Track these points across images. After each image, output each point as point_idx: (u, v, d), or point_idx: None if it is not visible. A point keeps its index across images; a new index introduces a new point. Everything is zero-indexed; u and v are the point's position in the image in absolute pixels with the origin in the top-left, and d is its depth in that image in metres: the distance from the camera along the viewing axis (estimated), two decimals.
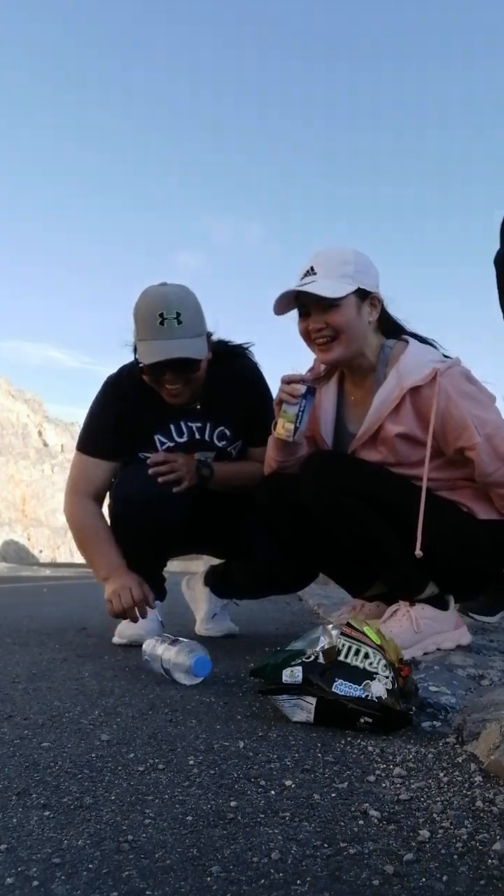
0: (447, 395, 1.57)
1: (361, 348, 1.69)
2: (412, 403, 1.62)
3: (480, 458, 1.58)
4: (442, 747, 1.06)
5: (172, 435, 2.08)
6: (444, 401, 1.57)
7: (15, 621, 2.92)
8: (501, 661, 1.61)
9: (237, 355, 2.15)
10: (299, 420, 1.66)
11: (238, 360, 2.14)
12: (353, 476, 1.67)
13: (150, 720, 1.22)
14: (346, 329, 1.64)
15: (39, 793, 0.86)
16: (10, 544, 15.34)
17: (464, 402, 1.58)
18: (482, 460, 1.59)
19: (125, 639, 2.11)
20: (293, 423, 1.66)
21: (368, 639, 1.21)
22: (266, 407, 2.15)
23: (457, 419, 1.58)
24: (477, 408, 1.60)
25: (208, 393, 2.05)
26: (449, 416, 1.58)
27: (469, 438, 1.58)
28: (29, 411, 18.76)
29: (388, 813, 0.80)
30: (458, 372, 1.61)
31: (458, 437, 1.59)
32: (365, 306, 1.66)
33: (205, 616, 2.36)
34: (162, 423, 2.07)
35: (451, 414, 1.58)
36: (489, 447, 1.58)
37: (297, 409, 1.65)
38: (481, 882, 0.64)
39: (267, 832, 0.75)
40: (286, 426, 1.67)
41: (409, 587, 1.69)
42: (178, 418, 2.07)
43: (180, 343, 1.87)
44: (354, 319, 1.64)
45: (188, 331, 1.88)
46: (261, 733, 1.14)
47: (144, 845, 0.71)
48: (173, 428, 2.07)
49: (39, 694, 1.43)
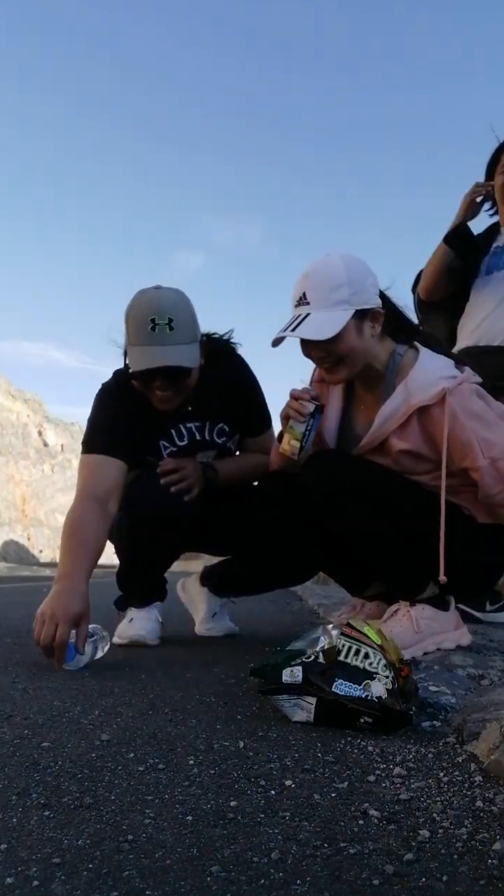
0: (454, 416, 1.56)
1: (368, 362, 1.67)
2: (419, 422, 1.60)
3: (484, 480, 1.59)
4: (442, 747, 1.06)
5: (174, 439, 2.06)
6: (451, 421, 1.56)
7: (15, 621, 2.92)
8: (501, 661, 1.61)
9: (222, 352, 2.10)
10: (305, 439, 1.65)
11: (223, 356, 2.10)
12: (357, 475, 1.67)
13: (150, 720, 1.22)
14: (349, 353, 1.61)
15: (39, 793, 0.86)
16: (10, 544, 15.34)
17: (471, 422, 1.57)
18: (486, 483, 1.59)
19: (125, 639, 2.11)
20: (299, 441, 1.64)
21: (368, 639, 1.20)
22: (258, 394, 2.15)
23: (462, 441, 1.57)
24: (484, 429, 1.58)
25: (198, 393, 2.02)
26: (455, 437, 1.57)
27: (474, 460, 1.58)
28: (29, 411, 18.76)
29: (388, 813, 0.80)
30: (467, 390, 1.59)
31: (463, 458, 1.59)
32: (366, 324, 1.62)
33: (204, 616, 2.35)
34: (162, 429, 2.05)
35: (458, 436, 1.57)
36: (493, 470, 1.58)
37: (304, 427, 1.64)
38: (481, 882, 0.64)
39: (267, 832, 0.75)
40: (292, 443, 1.65)
41: (410, 587, 1.69)
42: (177, 422, 2.05)
43: (171, 350, 1.83)
44: (356, 343, 1.61)
45: (180, 337, 1.84)
46: (261, 733, 1.14)
47: (144, 845, 0.71)
48: (174, 433, 2.06)
49: (39, 694, 1.43)
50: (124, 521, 1.98)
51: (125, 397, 2.01)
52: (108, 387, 2.07)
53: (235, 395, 2.09)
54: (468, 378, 1.62)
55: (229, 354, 2.13)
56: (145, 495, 1.96)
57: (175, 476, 1.96)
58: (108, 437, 1.98)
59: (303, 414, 1.64)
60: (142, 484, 1.98)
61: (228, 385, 2.08)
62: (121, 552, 2.11)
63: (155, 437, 2.05)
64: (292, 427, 1.65)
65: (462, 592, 1.82)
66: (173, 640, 2.22)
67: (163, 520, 1.94)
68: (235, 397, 2.09)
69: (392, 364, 1.68)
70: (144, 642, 2.09)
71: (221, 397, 2.06)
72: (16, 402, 18.20)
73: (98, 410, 2.05)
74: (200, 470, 2.02)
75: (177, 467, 1.97)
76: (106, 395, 2.06)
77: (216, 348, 2.08)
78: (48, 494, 17.41)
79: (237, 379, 2.12)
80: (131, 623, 2.12)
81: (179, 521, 1.97)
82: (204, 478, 2.02)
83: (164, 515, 1.94)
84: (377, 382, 1.71)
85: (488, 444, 1.57)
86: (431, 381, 1.59)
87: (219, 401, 2.06)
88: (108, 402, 2.05)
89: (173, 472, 1.97)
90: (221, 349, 2.11)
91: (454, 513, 1.67)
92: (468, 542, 1.66)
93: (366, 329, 1.62)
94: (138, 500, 1.96)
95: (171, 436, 2.06)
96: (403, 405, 1.60)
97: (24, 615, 3.25)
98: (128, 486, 1.98)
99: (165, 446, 2.06)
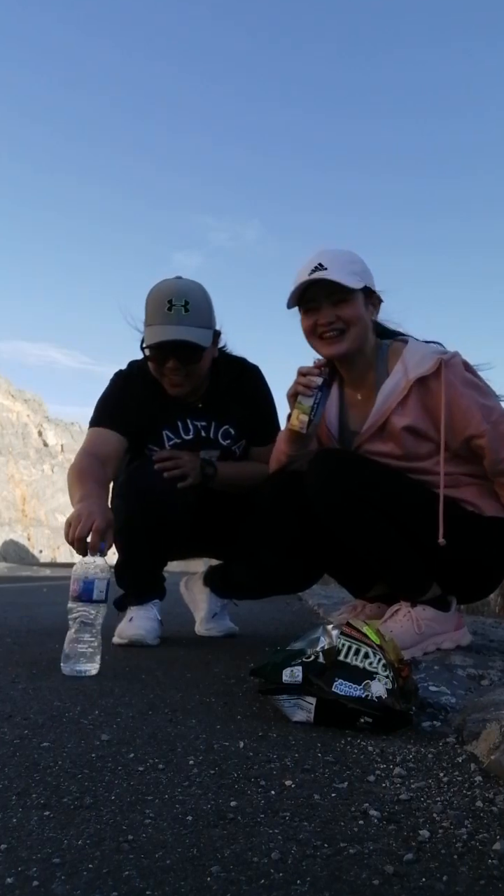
0: (453, 385, 1.59)
1: (363, 345, 1.70)
2: (419, 395, 1.63)
3: (490, 444, 1.60)
4: (442, 747, 1.06)
5: (179, 432, 2.11)
6: (450, 390, 1.59)
7: (15, 621, 2.92)
8: (501, 661, 1.61)
9: (239, 359, 2.20)
10: (314, 412, 1.66)
11: (240, 362, 2.19)
12: (360, 476, 1.67)
13: (150, 720, 1.22)
14: (356, 322, 1.66)
15: (39, 793, 0.86)
16: (10, 544, 15.34)
17: (468, 390, 1.61)
18: (492, 447, 1.60)
19: (125, 639, 2.11)
20: (308, 414, 1.65)
21: (368, 639, 1.20)
22: (269, 407, 2.17)
23: (463, 408, 1.59)
24: (482, 396, 1.62)
25: (212, 392, 2.08)
26: (456, 405, 1.59)
27: (477, 426, 1.59)
28: (29, 411, 18.76)
29: (388, 813, 0.80)
30: (460, 362, 1.64)
31: (467, 425, 1.60)
32: (369, 305, 1.70)
33: (205, 616, 2.36)
34: (169, 419, 2.10)
35: (458, 403, 1.59)
36: (497, 433, 1.60)
37: (312, 400, 1.65)
38: (481, 882, 0.64)
39: (267, 832, 0.75)
40: (300, 417, 1.66)
41: (413, 588, 1.69)
42: (185, 416, 2.10)
43: (185, 329, 1.91)
44: (363, 315, 1.67)
45: (195, 319, 1.93)
46: (261, 733, 1.14)
47: (144, 845, 0.71)
48: (180, 425, 2.10)
49: (39, 694, 1.43)
50: (120, 506, 2.03)
51: (137, 382, 2.09)
52: (122, 371, 2.16)
53: (247, 402, 2.14)
54: (458, 354, 1.66)
55: (246, 364, 2.21)
56: (138, 479, 2.03)
57: (169, 463, 2.00)
58: (113, 413, 2.07)
59: (310, 388, 1.65)
60: (134, 468, 2.08)
61: (241, 390, 2.14)
62: (117, 542, 2.12)
63: (161, 424, 2.09)
64: (300, 402, 1.66)
65: (469, 591, 1.82)
66: (173, 640, 2.22)
67: (155, 503, 1.97)
68: (246, 403, 2.14)
69: (381, 353, 1.73)
70: (144, 642, 2.09)
71: (232, 401, 2.11)
72: (16, 402, 18.20)
73: (108, 390, 2.14)
74: (199, 464, 2.05)
75: (172, 456, 2.03)
76: (118, 377, 2.15)
77: (234, 357, 2.18)
78: (48, 494, 17.40)
79: (251, 386, 2.18)
80: (131, 622, 2.13)
81: (169, 503, 1.99)
82: (202, 474, 2.04)
83: (152, 494, 1.97)
84: (366, 373, 1.74)
85: (488, 409, 1.61)
86: (427, 355, 1.64)
87: (229, 404, 2.11)
88: (118, 383, 2.13)
89: (168, 460, 2.01)
90: (239, 358, 2.20)
91: (455, 509, 1.67)
92: (473, 539, 1.65)
93: (368, 309, 1.70)
94: (131, 483, 2.04)
95: (177, 427, 2.10)
96: (403, 380, 1.64)
97: (24, 615, 3.25)
98: (124, 472, 2.08)
99: (169, 437, 2.10)
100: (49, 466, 18.05)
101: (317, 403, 1.65)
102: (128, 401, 2.08)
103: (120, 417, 2.06)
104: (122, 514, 2.03)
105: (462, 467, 1.67)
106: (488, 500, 1.68)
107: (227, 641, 2.27)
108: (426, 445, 1.65)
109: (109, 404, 2.10)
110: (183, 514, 2.04)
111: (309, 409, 1.65)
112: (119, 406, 2.08)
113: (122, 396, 2.09)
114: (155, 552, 2.14)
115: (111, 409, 2.09)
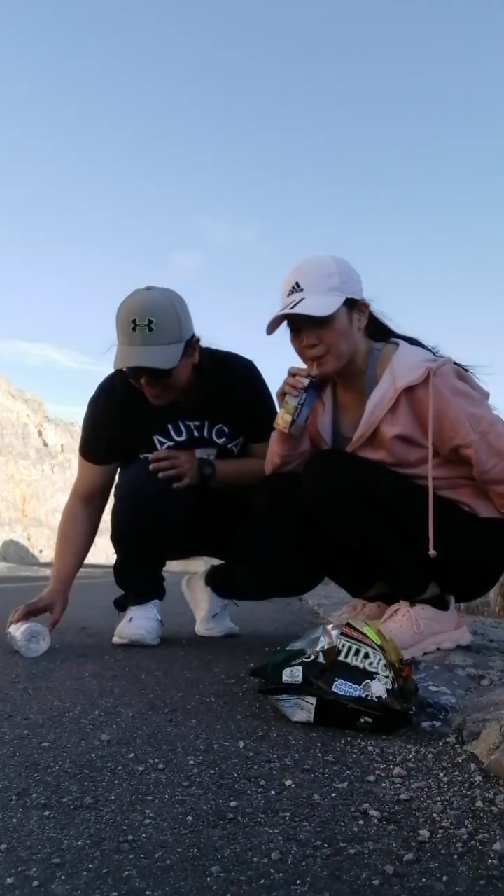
0: (441, 395, 1.57)
1: (352, 355, 1.68)
2: (408, 404, 1.61)
3: (478, 455, 1.58)
4: (442, 747, 1.06)
5: (171, 435, 2.08)
6: (438, 400, 1.57)
7: None
8: (501, 661, 1.61)
9: (228, 356, 2.15)
10: (297, 413, 1.65)
11: (228, 360, 2.14)
12: (357, 476, 1.67)
13: (150, 720, 1.22)
14: (338, 342, 1.63)
15: (39, 793, 0.86)
16: (10, 544, 15.34)
17: (457, 399, 1.58)
18: (479, 458, 1.58)
19: (125, 639, 2.11)
20: (291, 414, 1.65)
21: (368, 639, 1.20)
22: (265, 402, 2.15)
23: (451, 418, 1.58)
24: (471, 405, 1.60)
25: (204, 391, 2.04)
26: (444, 415, 1.58)
27: (465, 436, 1.58)
28: (29, 411, 18.76)
29: (388, 813, 0.80)
30: (449, 370, 1.62)
31: (454, 435, 1.59)
32: (354, 315, 1.66)
33: (205, 616, 2.36)
34: (160, 424, 2.07)
35: (446, 413, 1.58)
36: (485, 444, 1.58)
37: (297, 401, 1.65)
38: (481, 882, 0.64)
39: (267, 832, 0.75)
40: (284, 417, 1.67)
41: (411, 588, 1.69)
42: (176, 418, 2.07)
43: (147, 351, 1.86)
44: (346, 331, 1.64)
45: (160, 337, 1.87)
46: (261, 733, 1.14)
47: (144, 845, 0.71)
48: (171, 428, 2.08)
49: (39, 694, 1.43)
50: (117, 509, 2.06)
51: (120, 393, 2.06)
52: (102, 386, 2.13)
53: (238, 399, 2.10)
54: (449, 361, 1.64)
55: (235, 360, 2.16)
56: (132, 479, 2.05)
57: (164, 464, 1.99)
58: (96, 448, 2.13)
59: (297, 388, 1.64)
60: (130, 470, 2.09)
61: (231, 388, 2.09)
62: (116, 541, 2.12)
63: (150, 431, 2.08)
64: (287, 402, 1.66)
65: (467, 590, 1.82)
66: (173, 640, 2.22)
67: (144, 500, 1.99)
68: (238, 400, 2.10)
69: (371, 359, 1.71)
70: (144, 642, 2.09)
71: (223, 399, 2.08)
72: (16, 402, 18.20)
73: (87, 414, 2.16)
74: (197, 464, 2.04)
75: (168, 456, 2.01)
76: (97, 396, 2.13)
77: (221, 354, 2.13)
78: (48, 494, 17.41)
79: (240, 383, 2.13)
80: (131, 622, 2.13)
81: (165, 504, 1.99)
82: (200, 473, 2.03)
83: (147, 496, 1.98)
84: (357, 378, 1.73)
85: (476, 419, 1.58)
86: (415, 363, 1.61)
87: (221, 402, 2.08)
88: (97, 405, 2.13)
89: (164, 460, 2.00)
90: (228, 355, 2.15)
91: (454, 510, 1.67)
92: (469, 538, 1.66)
93: (354, 320, 1.66)
94: (126, 485, 2.06)
95: (168, 431, 2.08)
96: (391, 389, 1.62)
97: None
98: (121, 475, 2.12)
99: (161, 441, 2.08)
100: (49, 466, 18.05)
101: (301, 404, 1.65)
102: (104, 429, 2.10)
103: (96, 451, 2.13)
104: (119, 517, 2.06)
105: (456, 470, 1.67)
106: (483, 502, 1.68)
107: (227, 641, 2.27)
108: (417, 452, 1.64)
109: (86, 436, 2.16)
110: (179, 516, 2.04)
111: (293, 409, 1.65)
112: (94, 438, 2.13)
113: (96, 426, 2.12)
114: (153, 553, 2.14)
115: (90, 441, 2.14)
